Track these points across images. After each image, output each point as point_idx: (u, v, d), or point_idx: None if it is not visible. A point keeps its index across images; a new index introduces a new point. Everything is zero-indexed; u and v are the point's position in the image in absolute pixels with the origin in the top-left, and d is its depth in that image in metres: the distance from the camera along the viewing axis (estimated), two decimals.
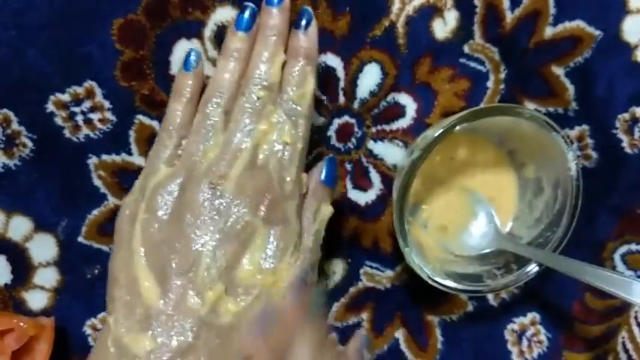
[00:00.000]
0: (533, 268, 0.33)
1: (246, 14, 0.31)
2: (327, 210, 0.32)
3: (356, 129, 0.36)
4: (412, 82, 0.35)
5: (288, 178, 0.30)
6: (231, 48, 0.31)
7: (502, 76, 0.35)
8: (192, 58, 0.32)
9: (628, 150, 0.36)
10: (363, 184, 0.36)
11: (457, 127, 0.30)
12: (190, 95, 0.31)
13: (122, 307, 0.28)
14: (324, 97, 0.35)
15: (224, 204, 0.29)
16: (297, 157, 0.30)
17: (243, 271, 0.29)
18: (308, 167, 0.32)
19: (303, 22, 0.31)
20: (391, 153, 0.36)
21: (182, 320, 0.28)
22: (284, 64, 0.31)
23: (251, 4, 0.31)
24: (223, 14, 0.34)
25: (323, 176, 0.32)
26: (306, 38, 0.31)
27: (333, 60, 0.35)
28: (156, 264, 0.29)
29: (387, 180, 0.36)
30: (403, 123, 0.36)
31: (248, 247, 0.29)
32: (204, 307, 0.28)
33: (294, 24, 0.31)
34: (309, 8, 0.31)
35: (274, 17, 0.31)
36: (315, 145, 0.36)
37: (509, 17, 0.35)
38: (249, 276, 0.29)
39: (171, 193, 0.30)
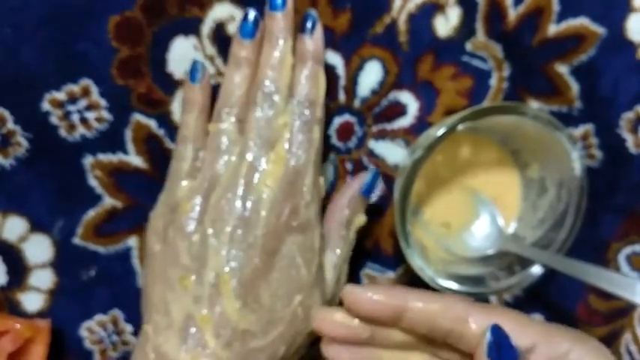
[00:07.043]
0: (536, 270, 0.33)
1: (250, 22, 0.31)
2: (362, 220, 0.33)
3: (356, 128, 0.35)
4: (414, 80, 0.35)
5: (307, 183, 0.30)
6: (238, 57, 0.31)
7: (505, 74, 0.35)
8: (197, 70, 0.32)
9: (633, 149, 0.36)
10: None
11: (460, 126, 0.29)
12: (200, 107, 0.32)
13: (158, 319, 0.29)
14: None
15: (247, 215, 0.29)
16: (312, 161, 0.31)
17: (270, 282, 0.29)
18: None
19: (309, 25, 0.31)
20: (392, 152, 0.36)
21: (217, 329, 0.28)
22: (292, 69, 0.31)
23: (253, 11, 0.31)
24: (221, 11, 0.33)
25: (365, 187, 0.33)
26: (313, 41, 0.31)
27: (333, 57, 0.34)
28: (186, 278, 0.29)
29: (388, 180, 0.36)
30: (405, 122, 0.35)
31: (274, 255, 0.29)
32: (234, 317, 0.28)
33: (299, 28, 0.31)
34: (314, 12, 0.31)
35: (279, 22, 0.31)
36: None
37: (513, 14, 0.34)
38: (277, 286, 0.29)
39: (195, 208, 0.30)
